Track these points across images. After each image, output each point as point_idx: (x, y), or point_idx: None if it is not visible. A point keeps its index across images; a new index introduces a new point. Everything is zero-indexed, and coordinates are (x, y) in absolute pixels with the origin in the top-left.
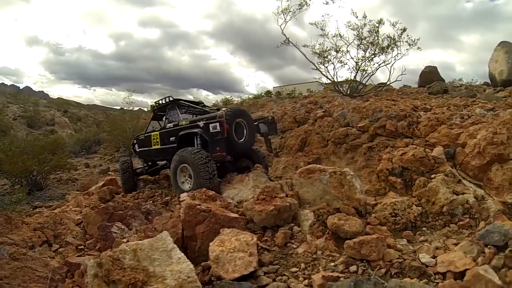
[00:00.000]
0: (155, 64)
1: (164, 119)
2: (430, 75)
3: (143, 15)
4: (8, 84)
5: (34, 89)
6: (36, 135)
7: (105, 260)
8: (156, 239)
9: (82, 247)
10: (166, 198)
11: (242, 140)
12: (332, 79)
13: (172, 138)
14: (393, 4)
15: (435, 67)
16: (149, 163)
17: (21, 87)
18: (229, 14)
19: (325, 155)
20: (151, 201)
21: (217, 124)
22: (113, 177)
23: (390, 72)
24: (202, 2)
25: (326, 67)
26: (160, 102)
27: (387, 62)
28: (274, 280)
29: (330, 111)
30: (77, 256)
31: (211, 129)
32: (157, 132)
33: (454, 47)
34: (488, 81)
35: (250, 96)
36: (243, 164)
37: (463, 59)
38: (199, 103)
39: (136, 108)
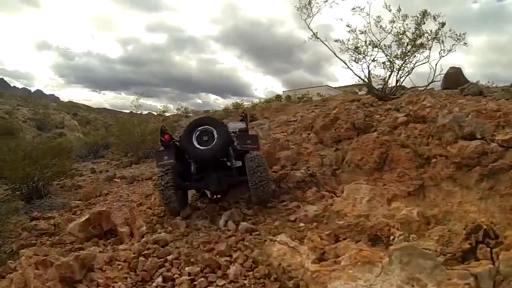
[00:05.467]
0: (163, 69)
1: None
2: (456, 77)
3: (150, 20)
4: (20, 87)
5: (45, 92)
6: (44, 138)
7: None
8: None
9: None
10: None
11: (207, 148)
12: (367, 78)
13: None
14: (396, 5)
15: (460, 68)
16: None
17: (32, 90)
18: (234, 18)
19: (432, 181)
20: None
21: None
22: (103, 209)
23: (434, 71)
24: (207, 7)
25: (361, 64)
26: None
27: (431, 60)
28: None
29: (416, 114)
30: None
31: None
32: None
33: (461, 49)
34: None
35: (261, 99)
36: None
37: (470, 61)
38: None
39: (145, 112)
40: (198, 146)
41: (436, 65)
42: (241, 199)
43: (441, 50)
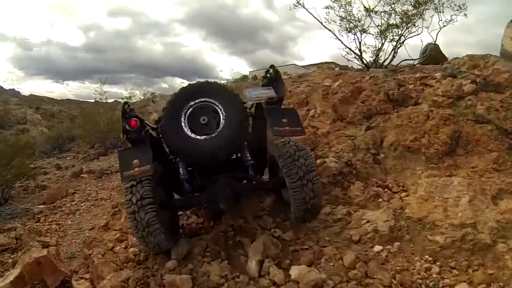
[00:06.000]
0: (127, 55)
1: None
2: (434, 54)
3: (112, 4)
4: None
5: (4, 87)
6: (4, 136)
7: None
8: None
9: None
10: None
11: (208, 136)
12: (357, 49)
13: None
14: None
15: (438, 45)
16: None
17: None
18: (200, 0)
19: None
20: None
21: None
22: (43, 253)
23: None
24: None
25: (355, 33)
26: None
27: (430, 29)
28: None
29: (489, 81)
30: None
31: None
32: None
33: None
34: None
35: (228, 80)
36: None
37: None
38: None
39: (111, 100)
40: (191, 134)
41: (437, 35)
42: (262, 209)
43: (439, 20)
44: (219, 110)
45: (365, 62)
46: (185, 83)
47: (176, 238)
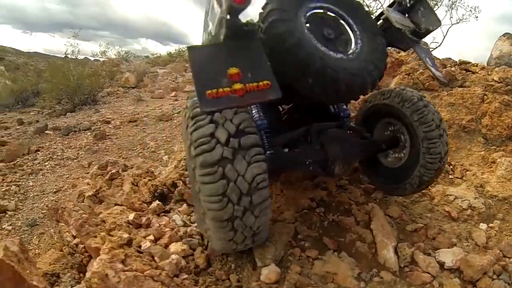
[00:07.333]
0: (101, 10)
1: None
2: None
3: None
4: None
5: None
6: None
7: None
8: None
9: None
10: None
11: (345, 56)
12: None
13: None
14: None
15: None
16: None
17: None
18: None
19: None
20: None
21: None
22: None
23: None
24: None
25: None
26: None
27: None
28: None
29: None
30: None
31: None
32: None
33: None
34: None
35: None
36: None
37: None
38: None
39: (81, 57)
40: (322, 48)
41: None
42: (340, 178)
43: (451, 17)
44: (352, 26)
45: None
46: (159, 46)
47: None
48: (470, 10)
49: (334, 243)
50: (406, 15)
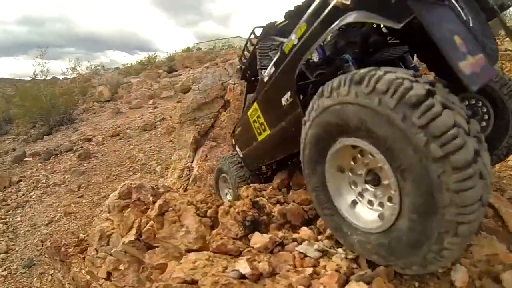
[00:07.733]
0: (64, 26)
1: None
2: None
3: None
4: None
5: None
6: None
7: None
8: None
9: None
10: None
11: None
12: None
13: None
14: None
15: None
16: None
17: None
18: None
19: None
20: None
21: None
22: None
23: None
24: None
25: None
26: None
27: None
28: None
29: None
30: None
31: None
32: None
33: None
34: None
35: (177, 51)
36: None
37: None
38: None
39: (50, 77)
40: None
41: None
42: None
43: None
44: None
45: None
46: (127, 56)
47: None
48: None
49: None
50: None
